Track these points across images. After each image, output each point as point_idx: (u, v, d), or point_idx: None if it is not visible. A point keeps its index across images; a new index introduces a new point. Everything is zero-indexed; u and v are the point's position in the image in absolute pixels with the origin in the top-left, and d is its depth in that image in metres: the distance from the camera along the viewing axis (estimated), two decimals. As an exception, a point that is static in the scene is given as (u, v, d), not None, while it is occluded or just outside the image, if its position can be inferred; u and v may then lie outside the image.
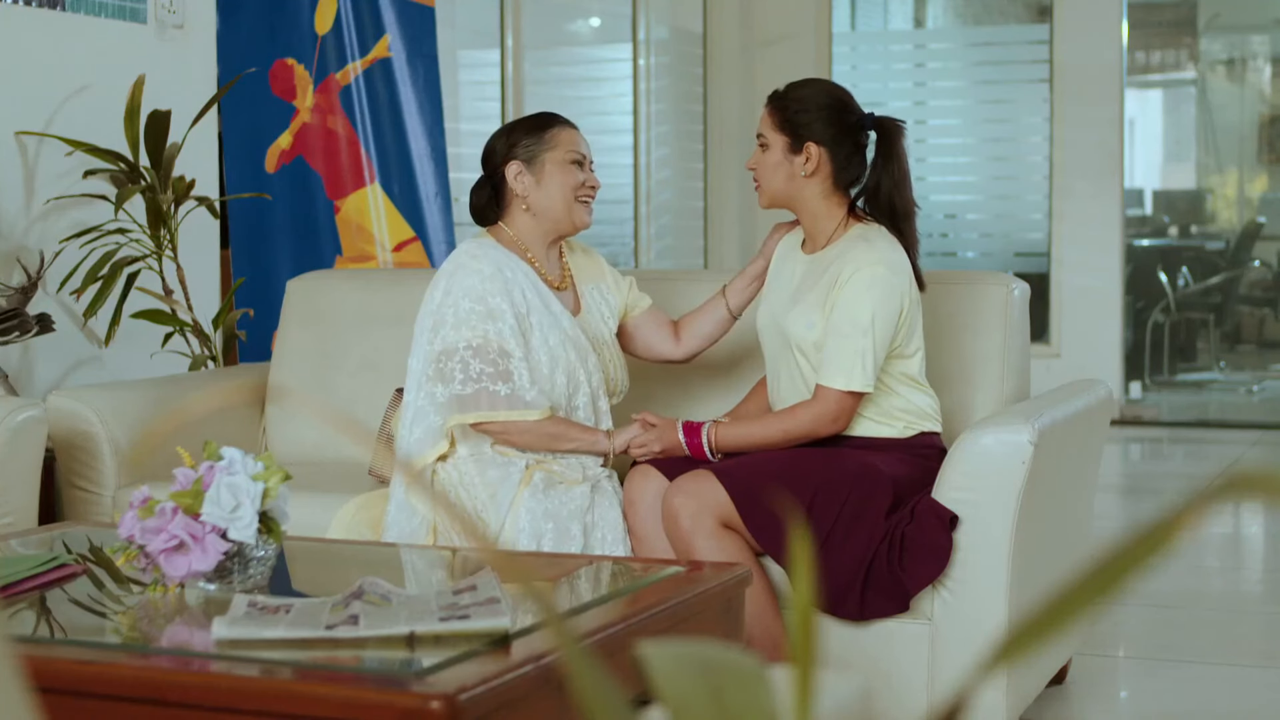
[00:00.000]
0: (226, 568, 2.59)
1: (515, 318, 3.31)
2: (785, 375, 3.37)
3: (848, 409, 3.24)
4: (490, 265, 3.34)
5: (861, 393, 3.23)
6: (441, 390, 3.29)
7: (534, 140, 3.42)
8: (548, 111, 3.55)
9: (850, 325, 3.19)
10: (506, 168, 3.42)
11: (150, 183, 4.56)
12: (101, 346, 4.64)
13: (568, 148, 3.42)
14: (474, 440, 3.34)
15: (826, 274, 3.28)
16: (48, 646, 2.40)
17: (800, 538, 0.78)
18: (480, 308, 3.29)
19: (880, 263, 3.22)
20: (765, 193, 3.39)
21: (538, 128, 3.44)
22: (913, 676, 3.16)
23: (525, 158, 3.41)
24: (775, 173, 3.36)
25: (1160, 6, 11.66)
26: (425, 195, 5.73)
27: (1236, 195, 12.12)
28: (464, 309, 3.30)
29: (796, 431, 3.26)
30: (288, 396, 4.19)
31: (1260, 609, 4.80)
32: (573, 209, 3.42)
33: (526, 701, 2.12)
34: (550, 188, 3.41)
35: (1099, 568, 0.70)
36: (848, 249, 3.28)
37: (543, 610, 0.74)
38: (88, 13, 4.71)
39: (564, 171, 3.41)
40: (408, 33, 5.75)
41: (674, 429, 3.33)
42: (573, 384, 3.38)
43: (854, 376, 3.20)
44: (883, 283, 3.21)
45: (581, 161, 3.43)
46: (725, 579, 2.70)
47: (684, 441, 3.31)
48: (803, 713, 0.77)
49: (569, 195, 3.41)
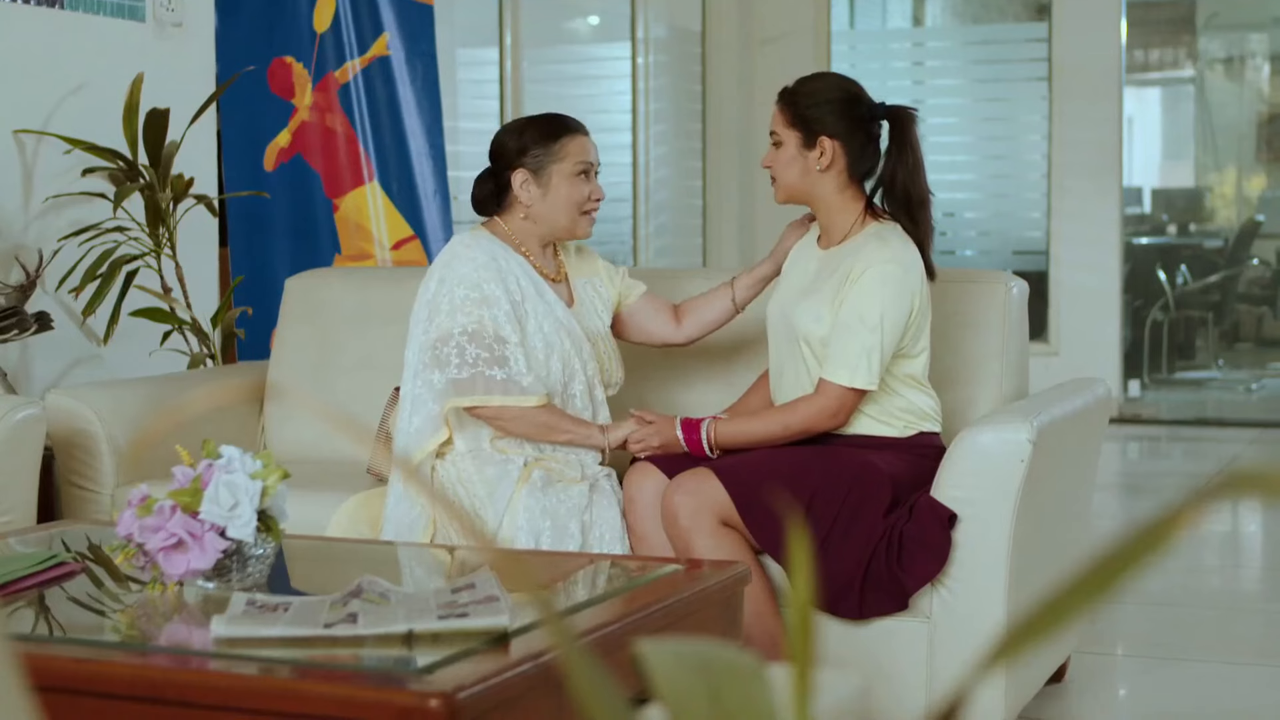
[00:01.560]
0: (225, 566, 2.59)
1: (510, 304, 3.31)
2: (790, 368, 3.37)
3: (849, 405, 3.24)
4: (484, 254, 3.35)
5: (864, 390, 3.22)
6: (439, 376, 3.29)
7: (543, 150, 3.40)
8: (560, 115, 3.51)
9: (859, 321, 3.19)
10: (513, 174, 3.41)
11: (149, 181, 4.56)
12: (100, 345, 4.64)
13: (576, 159, 3.41)
14: (472, 436, 3.34)
15: (840, 269, 3.28)
16: (46, 645, 2.40)
17: (799, 536, 0.78)
18: (475, 294, 3.30)
19: (894, 261, 3.22)
20: (781, 189, 3.39)
21: (548, 136, 3.41)
22: (911, 675, 3.16)
23: (533, 167, 3.40)
24: (790, 168, 3.35)
25: (1159, 5, 11.66)
26: (424, 194, 5.73)
27: (1235, 193, 12.12)
28: (459, 295, 3.31)
29: (795, 426, 3.26)
30: (286, 395, 4.19)
31: (1259, 607, 4.80)
32: (576, 222, 3.43)
33: (525, 700, 2.12)
34: (555, 200, 3.40)
35: (1097, 566, 0.70)
36: (862, 246, 3.28)
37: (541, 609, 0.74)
38: (86, 11, 4.70)
39: (570, 184, 3.40)
40: (406, 31, 5.75)
41: (672, 425, 3.32)
42: (568, 371, 3.38)
43: (858, 373, 3.20)
44: (895, 281, 3.21)
45: (589, 171, 3.43)
46: (724, 577, 2.70)
47: (682, 438, 3.31)
48: (801, 711, 0.77)
49: (574, 209, 3.41)
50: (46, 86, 4.59)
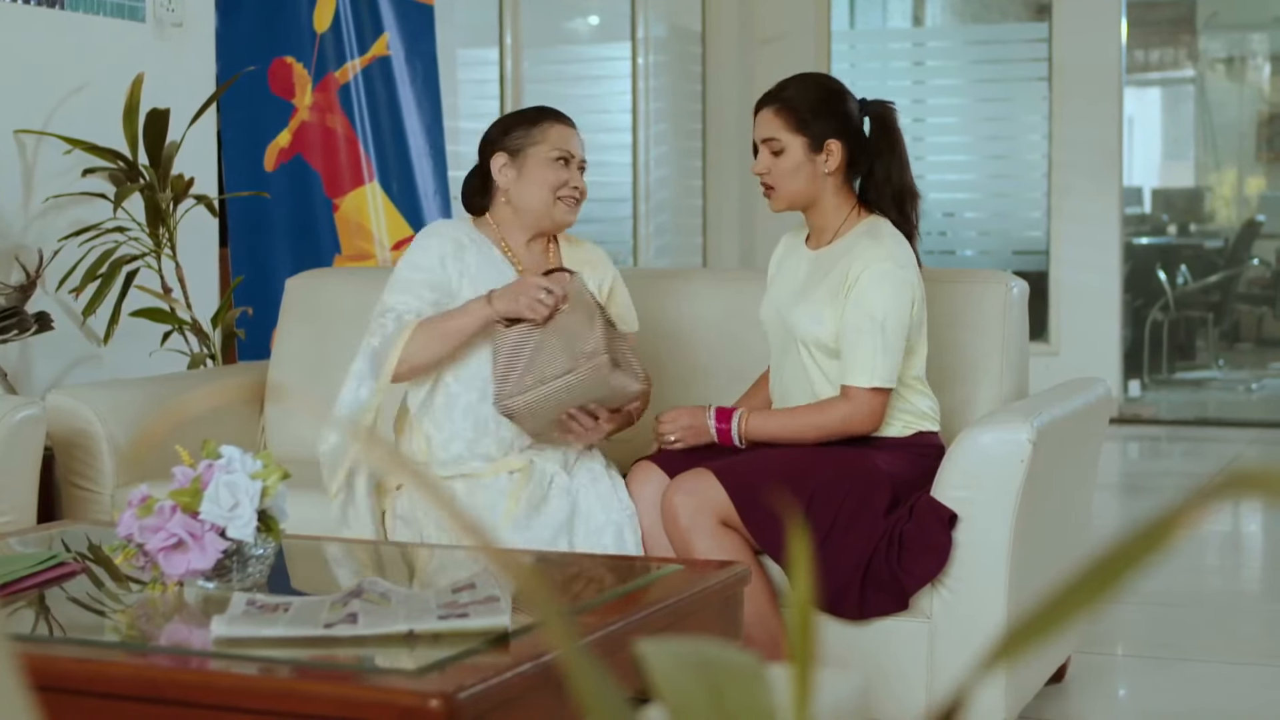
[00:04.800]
0: (225, 566, 2.59)
1: (449, 291, 3.32)
2: (789, 369, 3.36)
3: (878, 406, 3.23)
4: (439, 241, 3.37)
5: (886, 389, 3.23)
6: (367, 342, 3.32)
7: (522, 133, 3.40)
8: (546, 106, 3.51)
9: (867, 322, 3.19)
10: (493, 158, 3.41)
11: (149, 181, 4.56)
12: (100, 345, 4.64)
13: (555, 144, 3.38)
14: (456, 458, 3.32)
15: (835, 269, 3.28)
16: (47, 645, 2.40)
17: (799, 536, 0.78)
18: (418, 275, 3.33)
19: (889, 259, 3.22)
20: (782, 197, 3.35)
21: (530, 121, 3.42)
22: (911, 675, 3.16)
23: (511, 149, 3.39)
24: (796, 175, 3.32)
25: (1159, 5, 11.66)
26: (424, 193, 5.73)
27: (1235, 193, 12.12)
28: (403, 276, 3.34)
29: (829, 428, 3.25)
30: (287, 395, 4.18)
31: (1259, 607, 4.80)
32: (553, 207, 3.38)
33: (525, 700, 2.12)
34: (530, 183, 3.38)
35: (1098, 566, 0.70)
36: (854, 244, 3.28)
37: (541, 609, 0.74)
38: (86, 11, 4.70)
39: (546, 168, 3.37)
40: (406, 31, 5.75)
41: (704, 413, 3.31)
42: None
43: (876, 373, 3.20)
44: (893, 278, 3.21)
45: (568, 159, 3.39)
46: (724, 577, 2.70)
47: (713, 427, 3.30)
48: (801, 711, 0.77)
49: (548, 193, 3.37)
50: (47, 87, 4.59)
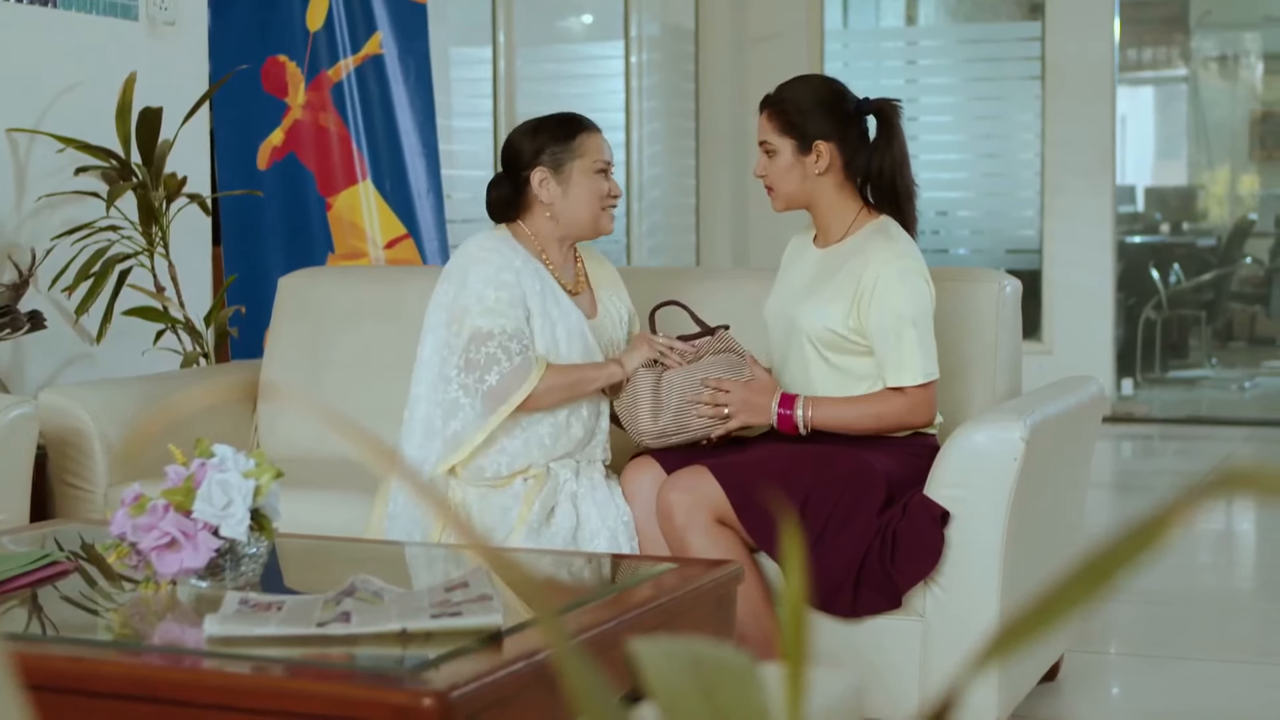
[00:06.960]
0: (218, 565, 2.59)
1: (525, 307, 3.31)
2: (793, 364, 3.37)
3: (929, 400, 3.27)
4: (501, 257, 3.32)
5: (932, 382, 3.25)
6: (475, 379, 3.27)
7: (561, 148, 3.38)
8: (572, 114, 3.49)
9: (898, 320, 3.22)
10: (532, 174, 3.39)
11: (142, 180, 4.55)
12: (93, 344, 4.64)
13: (594, 156, 3.39)
14: (475, 467, 3.32)
15: (845, 266, 3.29)
16: (39, 644, 2.40)
17: (793, 534, 0.78)
18: (505, 294, 3.28)
19: (905, 256, 3.26)
20: (780, 197, 3.39)
21: (565, 134, 3.40)
22: (904, 673, 3.16)
23: (552, 165, 3.38)
24: (788, 177, 3.36)
25: (1152, 4, 11.67)
26: (417, 192, 5.72)
27: (1228, 192, 12.13)
28: (491, 297, 3.28)
29: (888, 421, 3.27)
30: (279, 394, 4.18)
31: (1252, 605, 4.81)
32: (599, 217, 3.41)
33: (518, 698, 2.12)
34: (577, 197, 3.38)
35: (1090, 564, 0.70)
36: (865, 244, 3.30)
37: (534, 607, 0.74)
38: (79, 10, 4.70)
39: (591, 181, 3.38)
40: (399, 29, 5.75)
41: (769, 392, 3.31)
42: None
43: (919, 369, 3.23)
44: (912, 274, 3.25)
45: (606, 169, 3.42)
46: (717, 576, 2.71)
47: (775, 411, 3.30)
48: (794, 709, 0.77)
49: (595, 205, 3.39)
50: (39, 85, 4.59)
